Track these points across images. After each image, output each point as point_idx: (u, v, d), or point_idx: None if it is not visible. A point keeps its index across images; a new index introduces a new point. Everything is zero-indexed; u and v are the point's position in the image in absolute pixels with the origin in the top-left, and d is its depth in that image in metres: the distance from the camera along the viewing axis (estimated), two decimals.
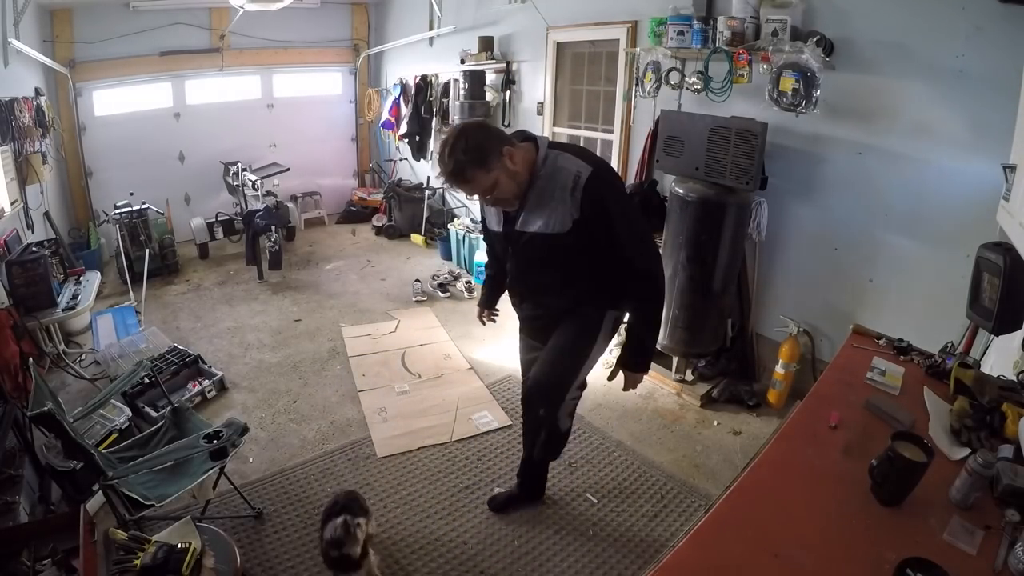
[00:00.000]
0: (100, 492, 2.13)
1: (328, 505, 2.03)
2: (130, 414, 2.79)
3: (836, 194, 2.94)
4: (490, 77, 5.13)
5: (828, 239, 3.02)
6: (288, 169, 6.09)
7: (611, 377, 2.01)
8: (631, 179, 3.87)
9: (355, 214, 6.92)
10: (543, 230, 1.78)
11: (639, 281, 1.83)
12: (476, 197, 1.83)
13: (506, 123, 5.07)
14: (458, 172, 1.70)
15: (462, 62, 5.23)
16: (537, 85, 4.73)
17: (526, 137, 1.82)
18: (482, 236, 2.19)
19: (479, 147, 1.68)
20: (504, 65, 4.93)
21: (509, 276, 2.06)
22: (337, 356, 3.81)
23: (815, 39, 2.67)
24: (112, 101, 5.67)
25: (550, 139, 1.86)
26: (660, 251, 1.99)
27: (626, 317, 1.99)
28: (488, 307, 2.34)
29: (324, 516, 1.99)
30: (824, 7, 2.79)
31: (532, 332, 2.14)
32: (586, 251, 1.81)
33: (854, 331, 2.11)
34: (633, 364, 1.95)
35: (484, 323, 2.36)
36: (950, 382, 1.72)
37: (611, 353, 3.70)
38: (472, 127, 1.77)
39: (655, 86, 3.38)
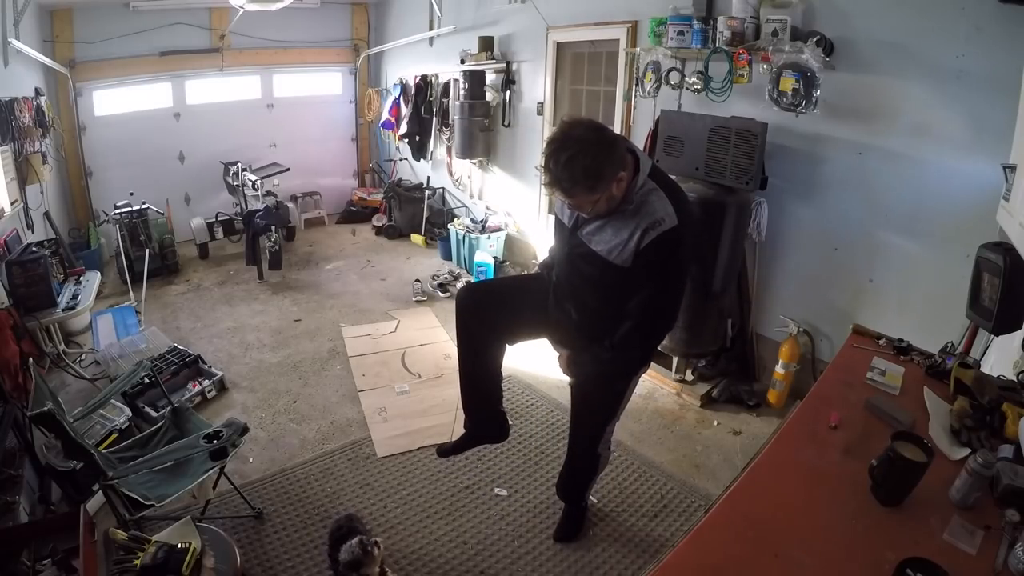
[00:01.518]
0: (100, 492, 2.13)
1: (333, 529, 2.01)
2: (130, 414, 2.79)
3: (836, 194, 2.94)
4: (490, 77, 5.13)
5: (828, 239, 3.02)
6: (288, 169, 6.09)
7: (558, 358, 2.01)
8: None
9: (355, 214, 6.92)
10: (603, 253, 1.68)
11: (637, 330, 1.74)
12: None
13: (506, 123, 5.07)
14: (566, 189, 1.58)
15: (462, 62, 5.23)
16: (537, 85, 4.73)
17: (630, 150, 1.67)
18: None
19: (598, 174, 1.54)
20: (504, 65, 4.93)
21: (555, 272, 1.95)
22: (337, 356, 3.81)
23: (815, 39, 2.67)
24: (112, 101, 5.67)
25: (652, 162, 1.71)
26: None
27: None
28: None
29: (332, 540, 1.97)
30: (824, 7, 2.79)
31: (553, 332, 2.07)
32: (630, 293, 1.72)
33: (854, 331, 2.11)
34: (569, 365, 1.93)
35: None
36: (950, 382, 1.72)
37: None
38: (602, 148, 1.55)
39: (655, 86, 3.38)
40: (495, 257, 5.06)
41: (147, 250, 4.78)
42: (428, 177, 6.15)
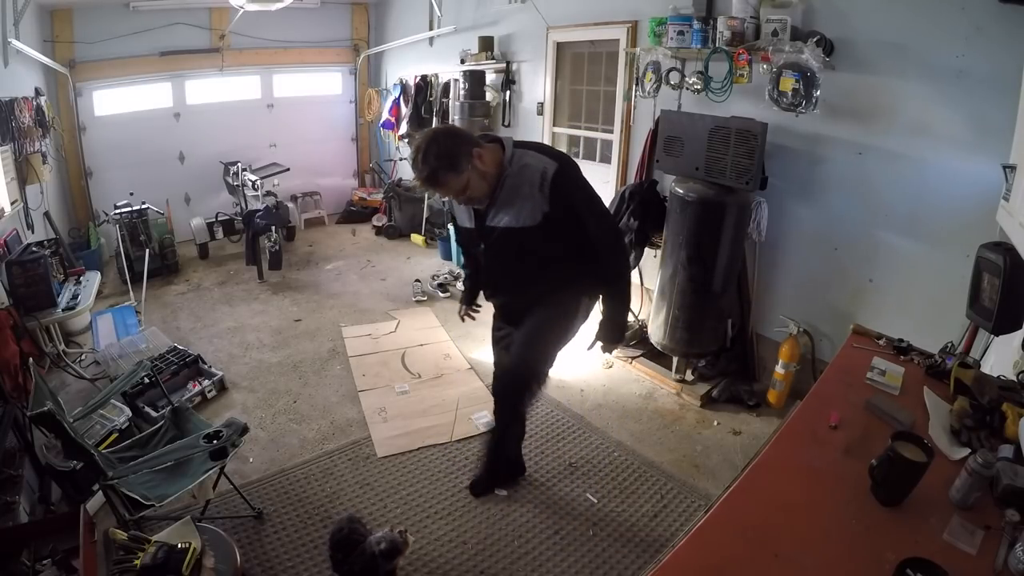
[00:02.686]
0: (100, 492, 2.13)
1: (334, 531, 2.01)
2: (130, 414, 2.79)
3: (836, 194, 2.94)
4: (490, 77, 5.13)
5: (828, 239, 3.02)
6: (288, 169, 6.09)
7: (589, 347, 2.19)
8: (631, 179, 3.87)
9: (355, 214, 6.92)
10: (513, 224, 1.90)
11: (606, 262, 2.01)
12: (449, 197, 1.98)
13: (506, 123, 5.08)
14: (432, 177, 1.82)
15: (462, 62, 5.24)
16: (537, 85, 4.73)
17: (492, 139, 1.95)
18: (454, 234, 2.41)
19: (449, 153, 1.80)
20: (504, 65, 4.93)
21: (483, 269, 2.19)
22: (337, 356, 3.81)
23: (815, 39, 2.67)
24: (112, 101, 5.67)
25: (514, 139, 2.00)
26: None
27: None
28: (469, 304, 2.45)
29: (333, 542, 1.97)
30: (824, 7, 2.79)
31: (506, 316, 2.27)
32: (557, 240, 1.94)
33: (854, 331, 2.11)
34: (608, 339, 2.14)
35: (464, 319, 2.50)
36: (950, 382, 1.72)
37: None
38: (442, 133, 1.89)
39: (655, 86, 3.38)
40: None
41: (147, 250, 4.79)
42: None
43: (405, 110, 6.24)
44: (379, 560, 1.87)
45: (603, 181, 4.16)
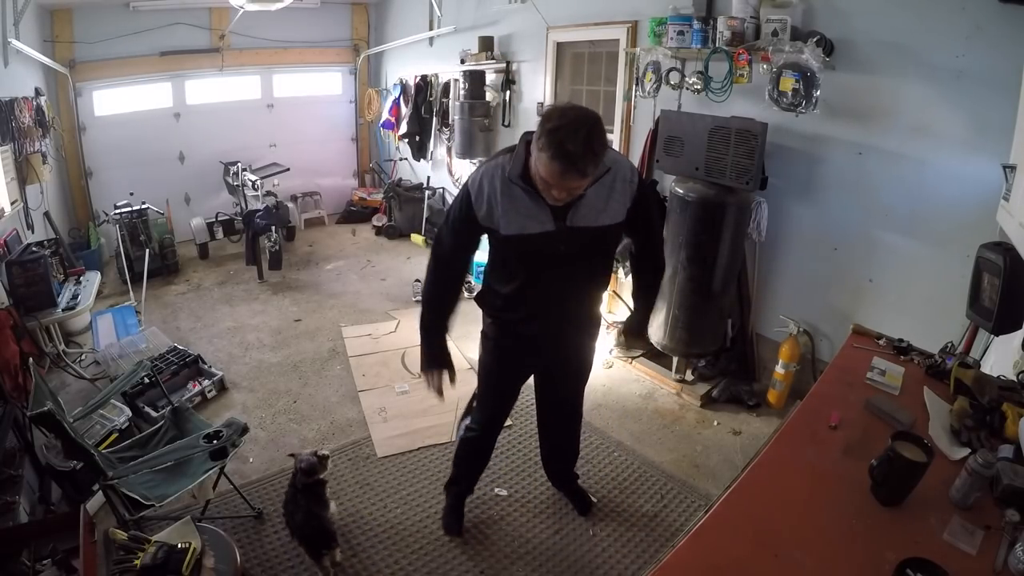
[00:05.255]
0: (100, 492, 2.13)
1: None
2: (130, 414, 2.79)
3: (836, 194, 2.94)
4: (490, 77, 5.13)
5: (828, 239, 3.02)
6: (288, 169, 6.08)
7: (613, 350, 2.25)
8: None
9: (355, 214, 6.92)
10: (607, 221, 1.69)
11: (657, 269, 2.02)
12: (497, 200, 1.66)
13: (506, 123, 5.07)
14: (581, 170, 1.45)
15: (462, 62, 5.23)
16: (537, 85, 4.72)
17: None
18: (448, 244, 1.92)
19: (605, 147, 1.49)
20: (504, 65, 4.93)
21: (534, 289, 1.81)
22: (337, 356, 3.81)
23: (815, 39, 2.67)
24: (112, 101, 5.67)
25: None
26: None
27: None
28: (444, 364, 2.01)
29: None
30: (824, 7, 2.79)
31: (541, 345, 1.99)
32: (616, 246, 1.89)
33: (854, 331, 2.11)
34: (641, 331, 2.17)
35: (442, 394, 2.00)
36: (950, 382, 1.72)
37: (611, 353, 3.70)
38: (599, 120, 1.49)
39: (655, 86, 3.38)
40: None
41: (147, 250, 4.78)
42: (428, 177, 6.15)
43: (405, 110, 6.24)
44: (298, 476, 2.05)
45: None
